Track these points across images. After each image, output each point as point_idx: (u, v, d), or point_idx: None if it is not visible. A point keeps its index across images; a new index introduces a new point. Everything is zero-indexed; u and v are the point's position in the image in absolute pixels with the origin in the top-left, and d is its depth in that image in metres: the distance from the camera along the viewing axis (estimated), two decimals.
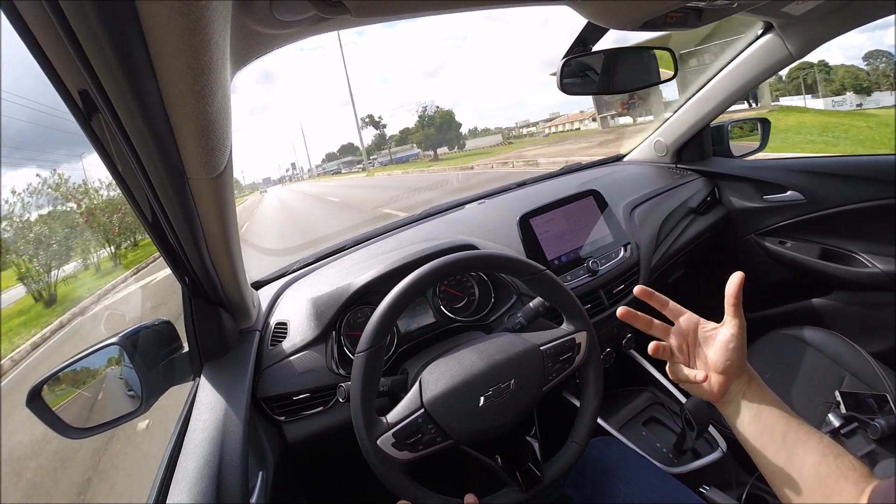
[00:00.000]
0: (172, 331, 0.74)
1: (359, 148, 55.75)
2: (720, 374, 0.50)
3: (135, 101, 0.33)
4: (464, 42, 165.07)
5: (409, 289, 0.62)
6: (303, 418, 0.77)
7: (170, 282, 5.78)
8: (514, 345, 0.65)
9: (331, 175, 56.76)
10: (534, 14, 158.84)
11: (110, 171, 0.44)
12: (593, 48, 0.90)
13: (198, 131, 0.39)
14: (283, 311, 0.88)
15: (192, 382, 0.73)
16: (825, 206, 1.23)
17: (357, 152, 58.46)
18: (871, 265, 1.16)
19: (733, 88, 1.27)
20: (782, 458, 0.47)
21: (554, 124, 42.09)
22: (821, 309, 1.28)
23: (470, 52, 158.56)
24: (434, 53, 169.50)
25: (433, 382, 0.61)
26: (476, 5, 0.53)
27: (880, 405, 0.82)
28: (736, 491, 0.78)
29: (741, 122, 1.50)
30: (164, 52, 0.30)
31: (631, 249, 1.07)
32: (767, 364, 1.03)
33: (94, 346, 0.64)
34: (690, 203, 1.32)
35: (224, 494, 0.54)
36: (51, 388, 0.61)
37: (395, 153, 46.57)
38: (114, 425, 0.64)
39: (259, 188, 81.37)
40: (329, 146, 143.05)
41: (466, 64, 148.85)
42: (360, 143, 50.15)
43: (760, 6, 0.82)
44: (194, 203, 0.48)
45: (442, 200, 1.39)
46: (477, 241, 1.00)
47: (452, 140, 41.60)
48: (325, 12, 0.42)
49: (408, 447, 0.56)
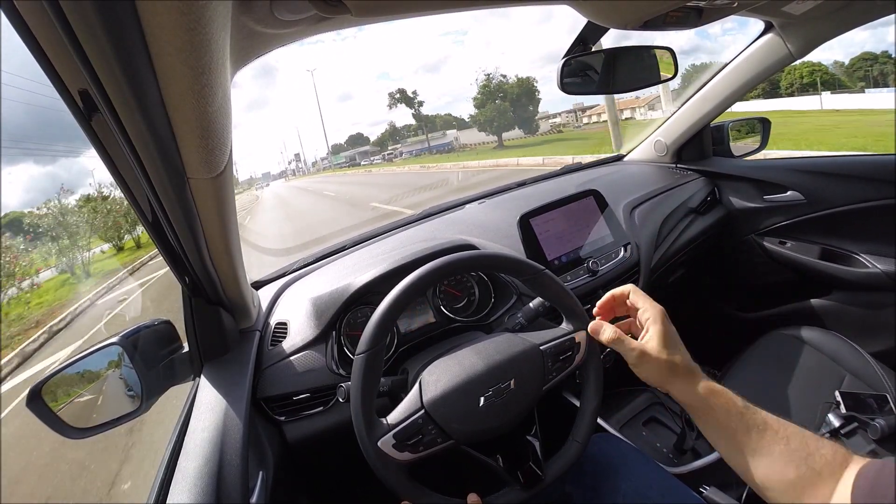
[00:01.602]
0: (172, 331, 0.74)
1: (369, 138, 49.78)
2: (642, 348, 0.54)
3: (135, 101, 0.33)
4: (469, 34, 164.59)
5: (407, 290, 0.62)
6: (303, 418, 0.77)
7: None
8: (514, 344, 0.65)
9: (344, 169, 46.77)
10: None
11: (110, 171, 0.44)
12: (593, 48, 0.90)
13: (198, 131, 0.39)
14: (283, 311, 0.88)
15: (192, 382, 0.73)
16: (825, 206, 1.23)
17: (367, 142, 52.09)
18: (871, 265, 1.16)
19: (733, 88, 1.27)
20: (743, 463, 0.48)
21: (595, 112, 34.75)
22: (821, 309, 1.28)
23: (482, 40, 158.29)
24: (435, 48, 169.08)
25: (433, 383, 0.61)
26: (476, 5, 0.53)
27: (880, 405, 0.82)
28: (736, 491, 0.78)
29: (741, 122, 1.50)
30: (164, 51, 0.30)
31: (631, 249, 1.07)
32: (767, 364, 1.03)
33: (94, 346, 0.64)
34: (690, 203, 1.32)
35: (224, 494, 0.54)
36: (51, 389, 0.61)
37: (434, 139, 38.73)
38: (114, 425, 0.64)
39: (256, 184, 72.69)
40: (338, 136, 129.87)
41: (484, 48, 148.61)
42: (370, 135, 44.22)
43: (760, 6, 0.83)
44: (194, 203, 0.48)
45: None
46: (477, 240, 1.00)
47: (527, 120, 29.97)
48: (325, 12, 0.42)
49: (408, 448, 0.56)
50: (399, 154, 41.95)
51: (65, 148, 9.30)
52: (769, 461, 0.46)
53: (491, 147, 29.32)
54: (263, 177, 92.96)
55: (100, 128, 0.39)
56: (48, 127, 6.65)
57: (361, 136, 62.22)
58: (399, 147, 43.25)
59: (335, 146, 65.18)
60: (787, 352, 1.04)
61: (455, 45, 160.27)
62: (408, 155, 39.80)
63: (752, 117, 1.49)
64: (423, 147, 39.57)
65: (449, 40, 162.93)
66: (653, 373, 0.53)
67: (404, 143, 42.74)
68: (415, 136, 42.17)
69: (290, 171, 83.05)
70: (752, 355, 1.05)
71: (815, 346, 1.02)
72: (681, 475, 0.80)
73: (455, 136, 39.53)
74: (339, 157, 58.25)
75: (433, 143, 39.14)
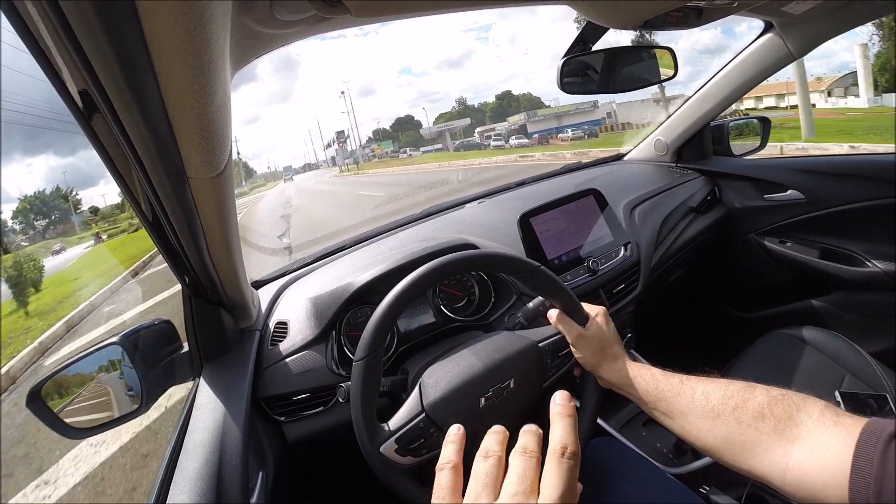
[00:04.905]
0: (172, 330, 0.74)
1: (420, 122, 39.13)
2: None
3: (135, 101, 0.33)
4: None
5: (404, 292, 0.61)
6: (303, 418, 0.77)
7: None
8: (513, 343, 0.65)
9: (403, 159, 36.73)
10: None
11: (110, 171, 0.44)
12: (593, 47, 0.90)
13: (198, 130, 0.38)
14: (283, 311, 0.88)
15: (192, 382, 0.73)
16: (826, 206, 1.23)
17: (418, 126, 41.44)
18: (871, 265, 1.16)
19: (733, 87, 1.27)
20: (678, 428, 0.52)
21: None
22: (821, 309, 1.28)
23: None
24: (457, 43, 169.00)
25: (433, 385, 0.61)
26: (476, 5, 0.53)
27: (880, 405, 0.82)
28: (736, 491, 0.78)
29: (741, 122, 1.50)
30: (164, 51, 0.30)
31: (631, 249, 1.07)
32: (767, 364, 1.03)
33: (94, 346, 0.64)
34: (691, 202, 1.32)
35: (224, 494, 0.54)
36: (51, 389, 0.61)
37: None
38: (114, 425, 0.64)
39: (282, 176, 60.38)
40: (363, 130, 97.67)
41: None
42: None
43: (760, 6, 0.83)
44: (194, 202, 0.48)
45: None
46: (477, 240, 1.00)
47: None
48: (325, 12, 0.42)
49: (411, 452, 0.56)
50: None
51: (85, 140, 9.34)
52: (695, 420, 0.49)
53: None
54: (285, 170, 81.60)
55: (100, 128, 0.39)
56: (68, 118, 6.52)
57: (412, 118, 53.80)
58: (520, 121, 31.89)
59: (378, 132, 55.01)
60: (787, 352, 1.04)
61: (478, 42, 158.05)
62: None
63: (752, 117, 1.49)
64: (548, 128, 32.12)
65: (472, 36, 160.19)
66: (587, 352, 0.63)
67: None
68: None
69: (328, 161, 60.33)
70: (752, 355, 1.05)
71: (815, 346, 1.02)
72: (681, 475, 0.80)
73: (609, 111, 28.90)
74: (387, 142, 48.10)
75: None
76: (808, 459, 0.40)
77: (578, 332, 0.64)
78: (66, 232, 37.96)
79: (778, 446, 0.42)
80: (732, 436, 0.46)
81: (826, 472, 0.38)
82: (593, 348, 0.63)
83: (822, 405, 0.43)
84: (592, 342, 0.63)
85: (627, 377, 0.60)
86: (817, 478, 0.38)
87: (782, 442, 0.42)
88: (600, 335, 0.64)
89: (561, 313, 0.66)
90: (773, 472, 0.42)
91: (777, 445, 0.42)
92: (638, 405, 0.59)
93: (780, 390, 0.47)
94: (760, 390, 0.47)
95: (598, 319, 0.65)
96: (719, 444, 0.47)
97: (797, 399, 0.45)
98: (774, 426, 0.43)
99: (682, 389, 0.53)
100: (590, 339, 0.63)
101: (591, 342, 0.63)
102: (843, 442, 0.38)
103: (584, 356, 0.64)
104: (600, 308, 0.68)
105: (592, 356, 0.63)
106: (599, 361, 0.63)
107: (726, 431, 0.46)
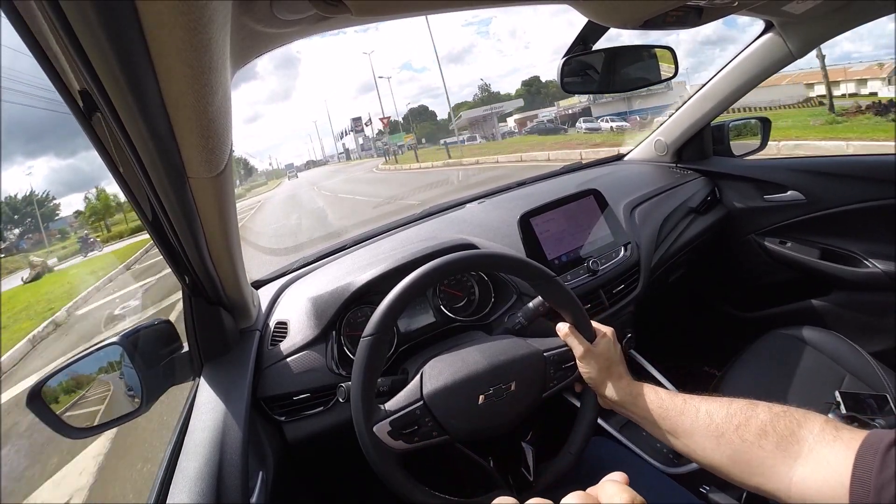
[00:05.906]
0: (172, 330, 0.74)
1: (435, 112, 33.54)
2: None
3: (135, 101, 0.33)
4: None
5: (426, 274, 0.62)
6: (303, 418, 0.77)
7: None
8: (519, 348, 0.65)
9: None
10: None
11: (111, 171, 0.44)
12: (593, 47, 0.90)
13: (198, 130, 0.38)
14: (283, 311, 0.88)
15: (192, 382, 0.73)
16: (826, 206, 1.23)
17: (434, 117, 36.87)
18: (871, 265, 1.16)
19: (733, 87, 1.26)
20: (682, 446, 0.52)
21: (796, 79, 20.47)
22: (821, 309, 1.27)
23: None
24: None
25: (434, 376, 0.61)
26: (476, 5, 0.53)
27: (880, 405, 0.82)
28: (736, 491, 0.78)
29: (742, 122, 1.50)
30: (165, 51, 0.30)
31: (631, 249, 1.07)
32: (767, 364, 1.03)
33: (94, 346, 0.64)
34: (691, 203, 1.32)
35: (224, 494, 0.54)
36: (51, 389, 0.61)
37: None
38: (114, 425, 0.64)
39: (287, 174, 56.23)
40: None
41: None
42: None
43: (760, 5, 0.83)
44: (194, 202, 0.48)
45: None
46: (477, 240, 1.00)
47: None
48: (325, 11, 0.42)
49: (403, 437, 0.56)
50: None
51: (86, 142, 9.22)
52: (700, 440, 0.49)
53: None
54: (287, 167, 77.51)
55: (100, 128, 0.39)
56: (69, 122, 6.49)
57: (426, 109, 50.27)
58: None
59: (408, 115, 48.45)
60: (787, 352, 1.04)
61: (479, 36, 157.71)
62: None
63: (752, 117, 1.49)
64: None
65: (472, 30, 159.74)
66: (592, 369, 0.64)
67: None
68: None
69: (338, 156, 53.08)
70: (752, 355, 1.05)
71: (815, 346, 1.02)
72: (681, 475, 0.80)
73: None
74: (399, 135, 39.44)
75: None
76: (811, 475, 0.40)
77: (587, 347, 0.64)
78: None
79: (781, 463, 0.42)
80: (737, 454, 0.46)
81: (827, 486, 0.38)
82: (599, 365, 0.63)
83: (823, 420, 0.43)
84: (599, 359, 0.64)
85: (631, 395, 0.60)
86: (819, 494, 0.39)
87: (785, 459, 0.42)
88: (607, 353, 0.64)
89: (571, 327, 0.66)
90: (780, 488, 0.42)
91: (780, 462, 0.42)
92: (640, 424, 0.59)
93: (781, 407, 0.47)
94: (762, 407, 0.47)
95: (606, 338, 0.66)
96: (725, 463, 0.47)
97: (798, 415, 0.45)
98: (777, 443, 0.43)
99: (685, 408, 0.53)
100: (597, 357, 0.64)
101: (597, 359, 0.64)
102: (842, 455, 0.38)
103: (589, 372, 0.64)
104: (608, 328, 0.69)
105: (598, 373, 0.63)
106: (604, 379, 0.63)
107: (731, 450, 0.46)
